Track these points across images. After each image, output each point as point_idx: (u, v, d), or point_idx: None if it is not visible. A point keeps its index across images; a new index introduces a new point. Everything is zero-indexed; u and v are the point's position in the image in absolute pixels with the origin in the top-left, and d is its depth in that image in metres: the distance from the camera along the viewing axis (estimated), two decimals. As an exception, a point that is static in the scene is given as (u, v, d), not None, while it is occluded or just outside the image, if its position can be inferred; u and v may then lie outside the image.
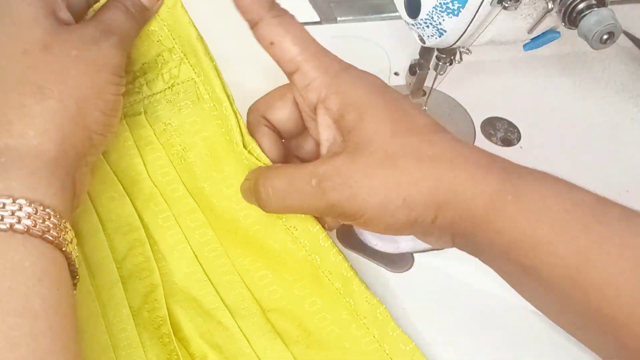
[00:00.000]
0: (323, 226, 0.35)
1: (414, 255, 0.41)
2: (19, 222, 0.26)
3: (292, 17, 0.33)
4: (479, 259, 0.30)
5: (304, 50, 0.32)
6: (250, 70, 0.46)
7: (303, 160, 0.37)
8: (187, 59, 0.36)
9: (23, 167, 0.28)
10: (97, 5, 0.34)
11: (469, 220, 0.28)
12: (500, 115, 0.52)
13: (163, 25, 0.35)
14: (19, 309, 0.25)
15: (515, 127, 0.51)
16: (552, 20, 0.37)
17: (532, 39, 0.38)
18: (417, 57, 0.48)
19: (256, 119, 0.35)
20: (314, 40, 0.33)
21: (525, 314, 0.38)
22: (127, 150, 0.36)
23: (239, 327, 0.35)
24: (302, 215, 0.35)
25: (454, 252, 0.31)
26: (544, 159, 0.49)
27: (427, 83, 0.48)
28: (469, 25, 0.36)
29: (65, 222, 0.28)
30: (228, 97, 0.35)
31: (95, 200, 0.36)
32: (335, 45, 0.33)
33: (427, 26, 0.38)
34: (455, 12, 0.35)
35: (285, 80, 0.34)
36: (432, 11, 0.37)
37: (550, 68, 0.57)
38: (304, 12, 0.58)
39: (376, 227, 0.30)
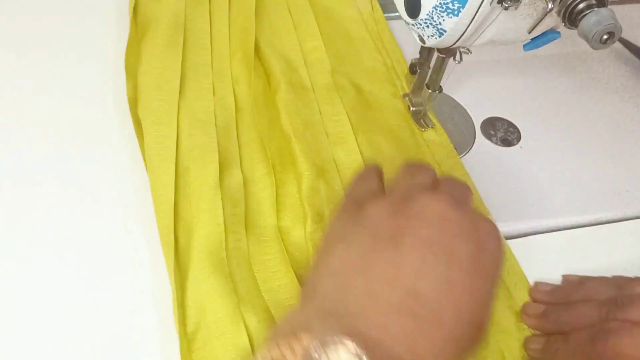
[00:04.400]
0: None
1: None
2: None
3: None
4: None
5: None
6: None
7: None
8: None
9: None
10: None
11: None
12: (500, 115, 0.52)
13: None
14: None
15: (515, 127, 0.51)
16: (552, 20, 0.37)
17: (532, 39, 0.38)
18: (417, 56, 0.48)
19: None
20: None
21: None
22: None
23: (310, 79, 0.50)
24: None
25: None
26: (544, 159, 0.49)
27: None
28: (469, 26, 0.36)
29: None
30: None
31: None
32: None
33: (427, 26, 0.38)
34: (455, 12, 0.35)
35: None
36: (432, 11, 0.37)
37: (550, 68, 0.57)
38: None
39: None
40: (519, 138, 0.50)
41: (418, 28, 0.39)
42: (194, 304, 0.35)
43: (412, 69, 0.49)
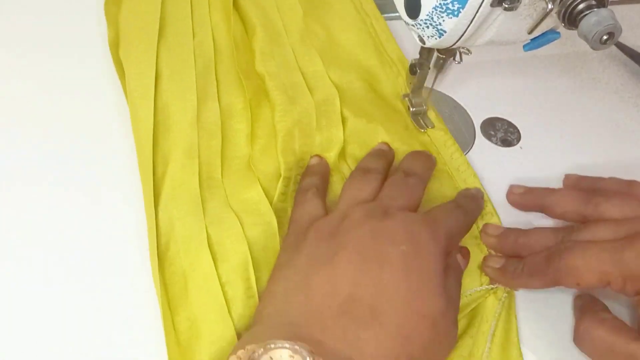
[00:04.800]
0: None
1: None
2: None
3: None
4: None
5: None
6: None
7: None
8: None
9: None
10: None
11: None
12: (500, 116, 0.52)
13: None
14: None
15: (515, 127, 0.51)
16: (552, 21, 0.37)
17: (532, 39, 0.38)
18: (417, 57, 0.48)
19: None
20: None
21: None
22: None
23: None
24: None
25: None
26: (544, 159, 0.49)
27: (427, 83, 0.48)
28: (468, 26, 0.36)
29: None
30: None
31: None
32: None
33: (427, 27, 0.38)
34: (455, 13, 0.35)
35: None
36: (432, 12, 0.37)
37: (550, 68, 0.57)
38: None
39: None
40: (519, 138, 0.50)
41: (418, 28, 0.39)
42: (165, 225, 0.38)
43: (412, 69, 0.49)
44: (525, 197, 0.42)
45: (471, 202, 0.41)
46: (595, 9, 0.33)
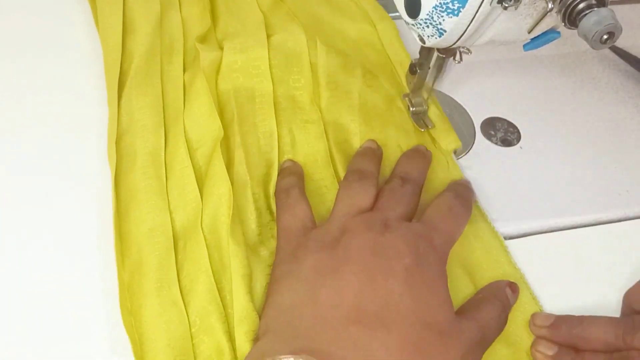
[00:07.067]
0: None
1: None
2: None
3: None
4: None
5: None
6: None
7: None
8: None
9: None
10: None
11: None
12: (500, 115, 0.52)
13: None
14: None
15: (515, 127, 0.51)
16: (552, 20, 0.37)
17: (532, 39, 0.38)
18: (417, 56, 0.48)
19: None
20: None
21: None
22: None
23: None
24: None
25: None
26: (544, 159, 0.49)
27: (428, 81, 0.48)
28: (468, 26, 0.36)
29: None
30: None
31: None
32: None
33: (427, 26, 0.38)
34: (455, 12, 0.35)
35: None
36: (432, 11, 0.37)
37: (550, 68, 0.57)
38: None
39: None
40: (519, 138, 0.50)
41: (418, 28, 0.39)
42: (126, 114, 0.43)
43: (412, 69, 0.49)
44: (554, 333, 0.36)
45: (465, 191, 0.41)
46: (595, 9, 0.32)
